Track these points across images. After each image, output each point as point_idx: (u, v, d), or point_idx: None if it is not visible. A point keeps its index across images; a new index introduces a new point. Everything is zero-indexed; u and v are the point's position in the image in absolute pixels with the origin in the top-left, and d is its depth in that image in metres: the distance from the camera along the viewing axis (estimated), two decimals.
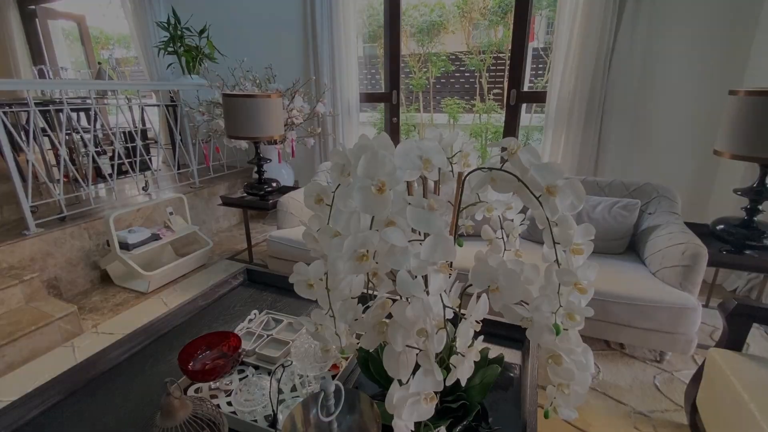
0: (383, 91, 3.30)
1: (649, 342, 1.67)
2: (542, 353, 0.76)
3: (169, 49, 3.31)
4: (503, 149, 0.70)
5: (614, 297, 1.67)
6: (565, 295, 0.71)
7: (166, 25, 3.24)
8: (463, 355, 0.67)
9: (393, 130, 3.33)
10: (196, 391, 1.08)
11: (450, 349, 0.78)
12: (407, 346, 0.66)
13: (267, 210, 2.57)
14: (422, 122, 5.26)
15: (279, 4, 3.36)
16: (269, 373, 1.13)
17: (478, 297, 0.75)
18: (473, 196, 0.83)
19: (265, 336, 1.31)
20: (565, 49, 2.52)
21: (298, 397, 1.06)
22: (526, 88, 4.38)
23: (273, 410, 0.95)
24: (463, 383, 0.70)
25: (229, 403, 1.04)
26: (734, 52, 2.29)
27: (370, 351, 0.97)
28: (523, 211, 0.85)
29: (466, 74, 5.04)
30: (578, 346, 0.74)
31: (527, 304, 0.75)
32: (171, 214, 2.65)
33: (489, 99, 4.86)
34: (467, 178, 0.79)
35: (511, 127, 2.94)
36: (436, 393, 0.72)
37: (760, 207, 1.73)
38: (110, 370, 1.25)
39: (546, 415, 0.82)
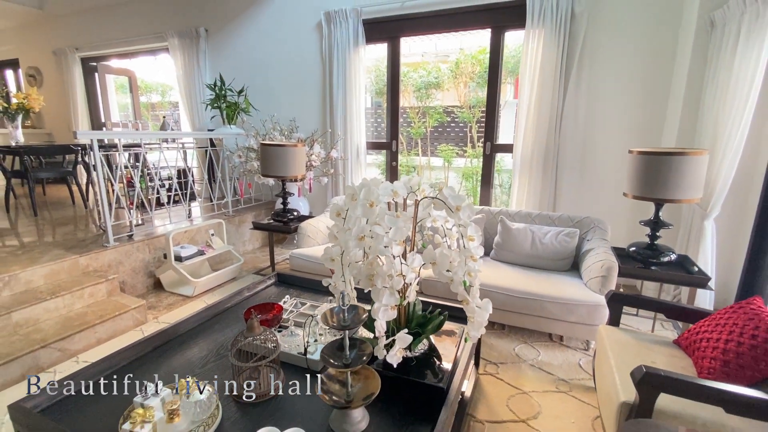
0: (385, 140, 4.03)
1: (576, 332, 2.22)
2: (459, 298, 1.36)
3: (214, 105, 4.12)
4: (433, 187, 1.34)
5: (551, 298, 2.25)
6: (468, 263, 1.33)
7: (213, 86, 4.07)
8: (410, 285, 1.28)
9: (393, 171, 4.03)
10: None
11: (405, 291, 1.38)
12: (383, 286, 1.27)
13: (290, 233, 3.21)
14: (420, 165, 6.01)
15: (303, 70, 4.20)
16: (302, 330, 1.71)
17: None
18: (425, 213, 1.47)
19: (295, 311, 1.91)
20: (525, 112, 3.24)
21: (319, 344, 1.65)
22: (509, 140, 5.13)
23: (305, 345, 1.54)
24: (411, 300, 1.31)
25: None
26: (653, 117, 2.99)
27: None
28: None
29: (460, 125, 5.85)
30: (477, 294, 1.34)
31: (450, 271, 1.36)
32: (212, 235, 3.31)
33: (478, 146, 5.62)
34: (421, 201, 1.43)
35: (488, 172, 3.62)
36: (409, 334, 1.32)
37: (658, 234, 2.34)
38: (189, 331, 1.85)
39: (465, 339, 1.42)
